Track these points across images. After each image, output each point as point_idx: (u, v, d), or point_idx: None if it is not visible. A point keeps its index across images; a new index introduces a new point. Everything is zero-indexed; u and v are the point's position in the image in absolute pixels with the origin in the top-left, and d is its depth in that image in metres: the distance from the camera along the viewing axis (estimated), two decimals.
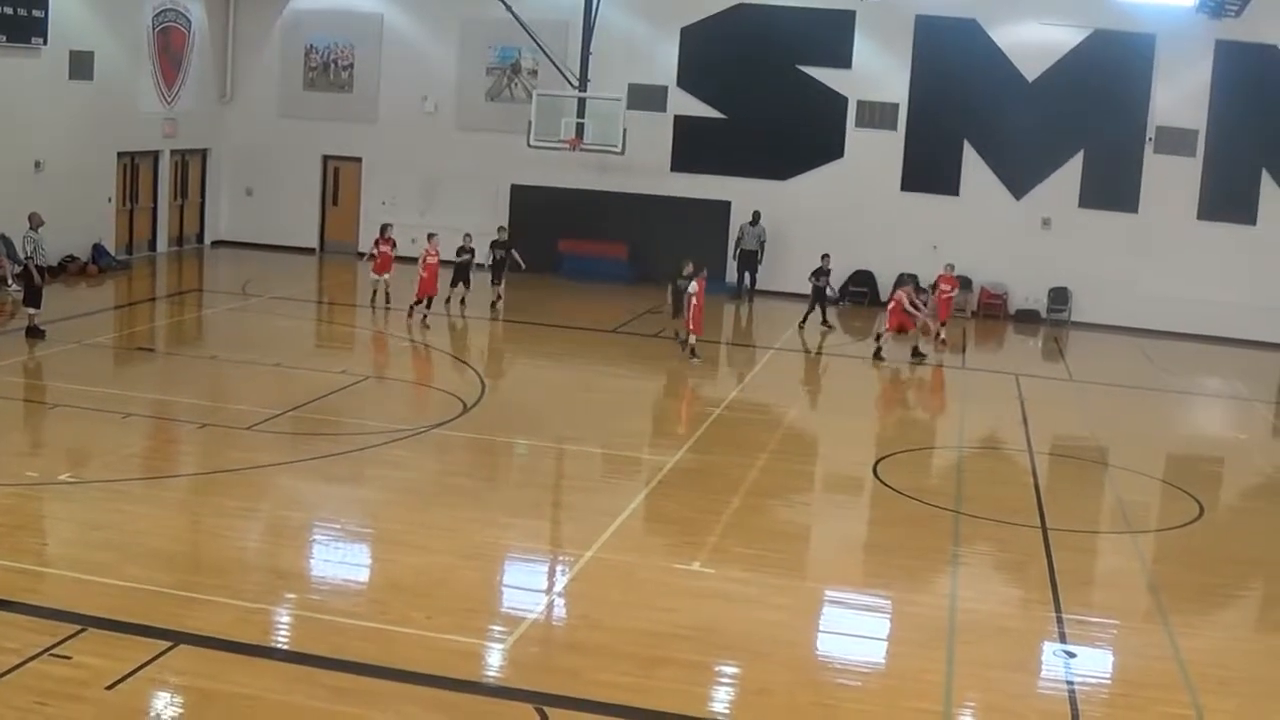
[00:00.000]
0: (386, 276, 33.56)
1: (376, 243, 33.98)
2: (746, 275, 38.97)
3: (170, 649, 13.34)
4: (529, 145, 38.25)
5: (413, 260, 32.92)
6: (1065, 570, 17.27)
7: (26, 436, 20.66)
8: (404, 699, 12.73)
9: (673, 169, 40.00)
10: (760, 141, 39.37)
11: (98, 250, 37.18)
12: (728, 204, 39.57)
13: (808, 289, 34.39)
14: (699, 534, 17.88)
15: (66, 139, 35.56)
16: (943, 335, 33.20)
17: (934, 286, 34.04)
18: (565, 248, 40.31)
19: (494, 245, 34.56)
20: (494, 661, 13.86)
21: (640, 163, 38.99)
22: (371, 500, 18.83)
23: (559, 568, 16.69)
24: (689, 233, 38.32)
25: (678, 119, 40.04)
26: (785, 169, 39.56)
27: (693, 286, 28.26)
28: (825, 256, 34.43)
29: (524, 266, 34.57)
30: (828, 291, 34.74)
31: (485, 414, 23.74)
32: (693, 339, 28.30)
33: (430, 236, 32.39)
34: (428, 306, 31.98)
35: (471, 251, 33.78)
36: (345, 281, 39.85)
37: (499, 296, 34.27)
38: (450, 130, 41.48)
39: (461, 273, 33.54)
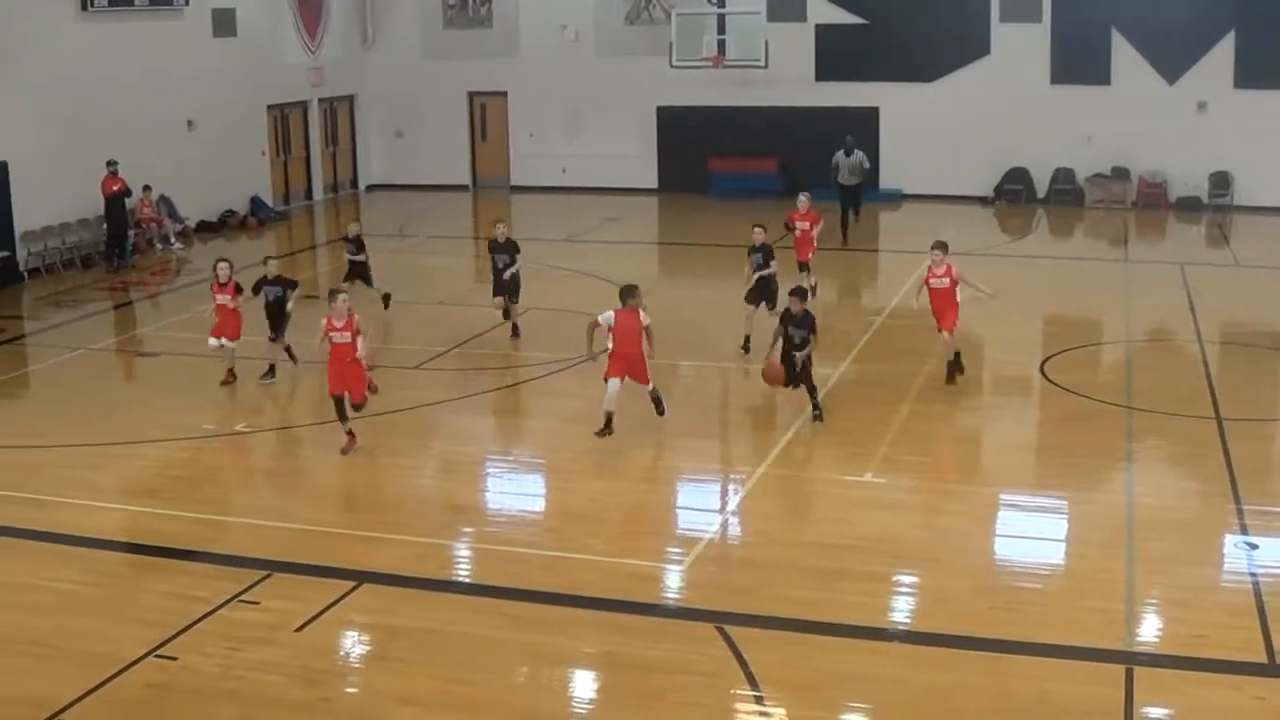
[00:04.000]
0: (229, 344, 21.26)
1: (213, 288, 21.58)
2: (850, 212, 33.85)
3: (355, 588, 13.72)
4: (671, 66, 38.22)
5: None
6: (1242, 460, 17.01)
7: (201, 390, 21.13)
8: (584, 624, 12.96)
9: (817, 79, 39.54)
10: (904, 44, 38.77)
11: (255, 203, 37.85)
12: (875, 109, 39.11)
13: (957, 190, 33.67)
14: (868, 444, 17.88)
15: (216, 96, 36.12)
16: (811, 281, 25.32)
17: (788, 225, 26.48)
18: (715, 166, 40.15)
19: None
20: (672, 583, 14.04)
21: (784, 75, 38.64)
22: (541, 431, 19.09)
23: (731, 486, 16.82)
24: (837, 142, 38.02)
25: (819, 28, 39.52)
26: (931, 70, 38.96)
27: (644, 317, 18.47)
28: (758, 229, 23.37)
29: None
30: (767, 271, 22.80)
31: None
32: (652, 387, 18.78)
33: (333, 297, 18.62)
34: (344, 410, 18.09)
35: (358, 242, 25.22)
36: (499, 216, 40.13)
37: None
38: (592, 57, 41.37)
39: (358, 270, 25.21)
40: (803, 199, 26.31)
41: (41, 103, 30.11)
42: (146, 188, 32.97)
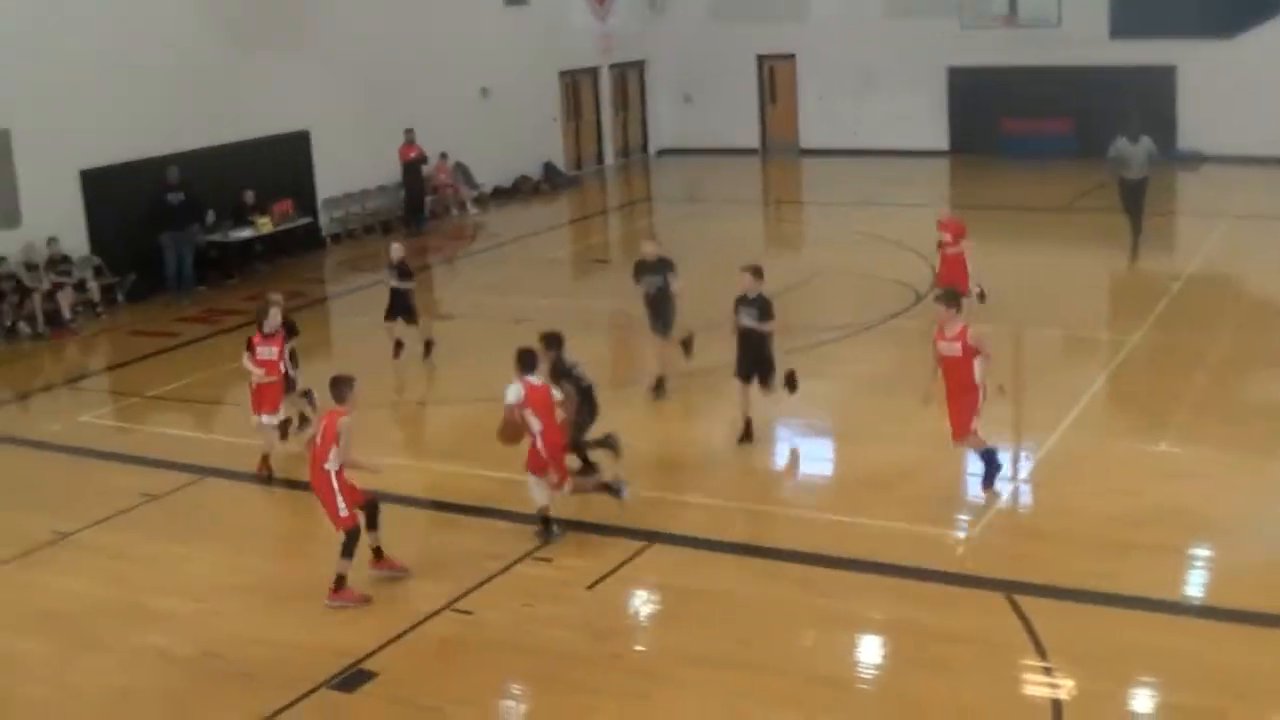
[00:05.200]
0: (270, 419, 16.88)
1: (250, 345, 16.87)
2: (1138, 218, 26.77)
3: (645, 549, 14.00)
4: (961, 27, 37.67)
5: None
6: None
7: (495, 351, 21.57)
8: (870, 589, 13.01)
9: (1111, 36, 38.47)
10: None
11: (548, 168, 38.55)
12: (1172, 68, 37.91)
13: (1261, 150, 32.33)
14: (1165, 414, 17.52)
15: (509, 63, 36.88)
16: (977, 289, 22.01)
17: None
18: (1007, 127, 39.46)
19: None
20: (961, 550, 13.96)
21: (1077, 33, 37.74)
22: (831, 395, 19.01)
23: (1023, 453, 16.59)
24: (1133, 100, 36.99)
25: None
26: (1232, 25, 37.52)
27: (513, 392, 14.68)
28: (750, 273, 17.52)
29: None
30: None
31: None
32: (565, 490, 14.60)
33: (345, 388, 13.61)
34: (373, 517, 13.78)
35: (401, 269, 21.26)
36: (790, 179, 40.22)
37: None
38: (880, 19, 40.84)
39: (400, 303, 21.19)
40: (943, 208, 23.81)
41: (341, 72, 31.14)
42: (443, 155, 33.89)
